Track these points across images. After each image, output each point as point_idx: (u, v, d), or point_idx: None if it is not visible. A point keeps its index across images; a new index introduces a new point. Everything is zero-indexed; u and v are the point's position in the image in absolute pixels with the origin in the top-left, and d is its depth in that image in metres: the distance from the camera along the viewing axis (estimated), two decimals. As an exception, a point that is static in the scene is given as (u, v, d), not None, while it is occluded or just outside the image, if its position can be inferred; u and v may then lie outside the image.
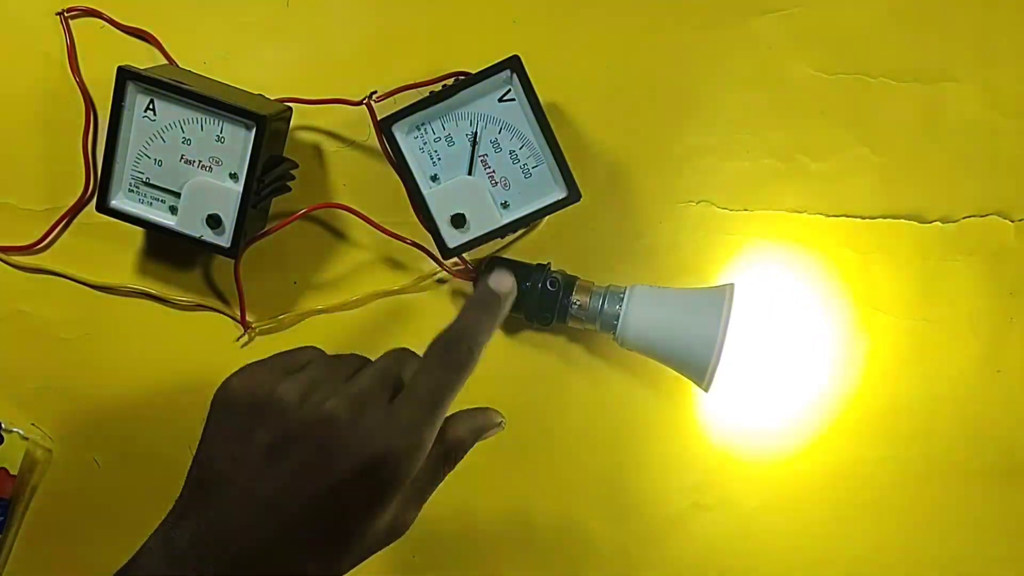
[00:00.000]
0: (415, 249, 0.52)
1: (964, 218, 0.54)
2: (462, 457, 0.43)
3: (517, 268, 0.51)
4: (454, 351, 0.38)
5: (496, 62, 0.46)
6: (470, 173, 0.48)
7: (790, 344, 0.55)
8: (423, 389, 0.38)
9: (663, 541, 0.55)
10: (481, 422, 0.43)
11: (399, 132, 0.47)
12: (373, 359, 0.40)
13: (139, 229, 0.51)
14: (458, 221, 0.48)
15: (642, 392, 0.54)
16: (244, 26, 0.52)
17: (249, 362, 0.40)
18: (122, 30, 0.51)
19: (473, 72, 0.46)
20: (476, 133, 0.47)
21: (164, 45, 0.51)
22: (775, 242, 0.54)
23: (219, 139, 0.47)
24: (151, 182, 0.48)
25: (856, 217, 0.54)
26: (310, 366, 0.39)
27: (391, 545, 0.54)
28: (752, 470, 0.55)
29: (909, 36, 0.53)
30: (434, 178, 0.48)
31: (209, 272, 0.54)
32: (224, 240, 0.48)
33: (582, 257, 0.53)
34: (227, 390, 0.39)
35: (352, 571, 0.38)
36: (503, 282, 0.40)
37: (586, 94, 0.53)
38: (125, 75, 0.45)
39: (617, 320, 0.48)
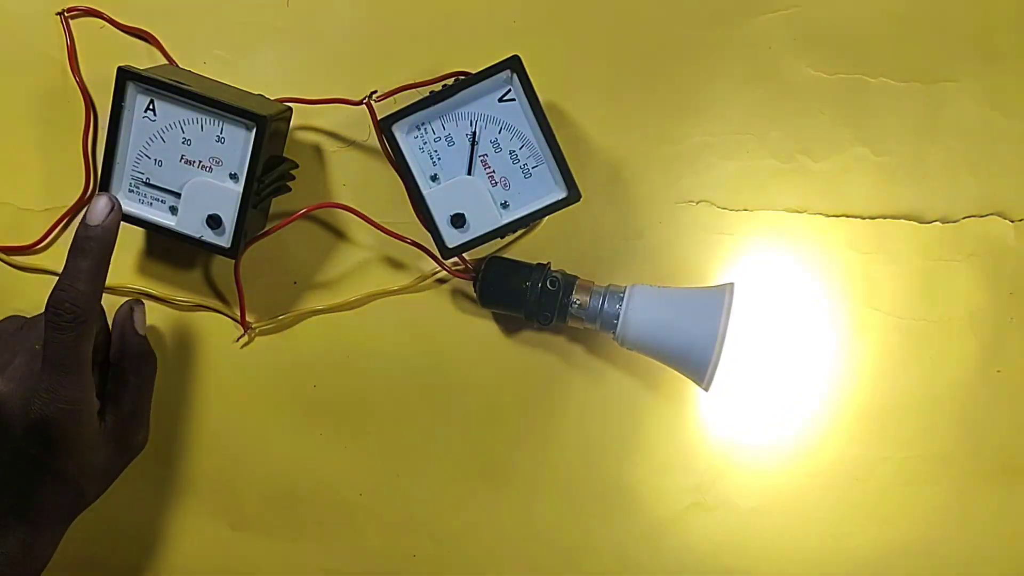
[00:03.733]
0: (415, 249, 0.52)
1: (964, 218, 0.54)
2: (150, 354, 0.50)
3: (516, 267, 0.51)
4: (60, 311, 0.42)
5: (496, 62, 0.46)
6: (470, 173, 0.48)
7: (790, 344, 0.55)
8: (48, 356, 0.43)
9: (663, 541, 0.55)
10: (127, 315, 0.49)
11: (399, 132, 0.47)
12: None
13: (139, 229, 0.51)
14: (458, 221, 0.48)
15: (642, 392, 0.54)
16: (244, 26, 0.52)
17: None
18: (122, 30, 0.51)
19: (473, 72, 0.46)
20: (476, 133, 0.47)
21: (164, 45, 0.51)
22: (775, 242, 0.54)
23: (219, 139, 0.47)
24: (151, 182, 0.48)
25: (856, 217, 0.54)
26: None
27: (391, 544, 0.54)
28: (752, 470, 0.55)
29: (909, 36, 0.53)
30: (434, 178, 0.48)
31: (209, 272, 0.54)
32: (224, 240, 0.48)
33: (582, 257, 0.53)
34: None
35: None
36: (93, 212, 0.44)
37: (586, 94, 0.53)
38: (125, 75, 0.45)
39: (617, 319, 0.48)
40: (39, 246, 0.53)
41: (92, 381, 0.45)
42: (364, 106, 0.49)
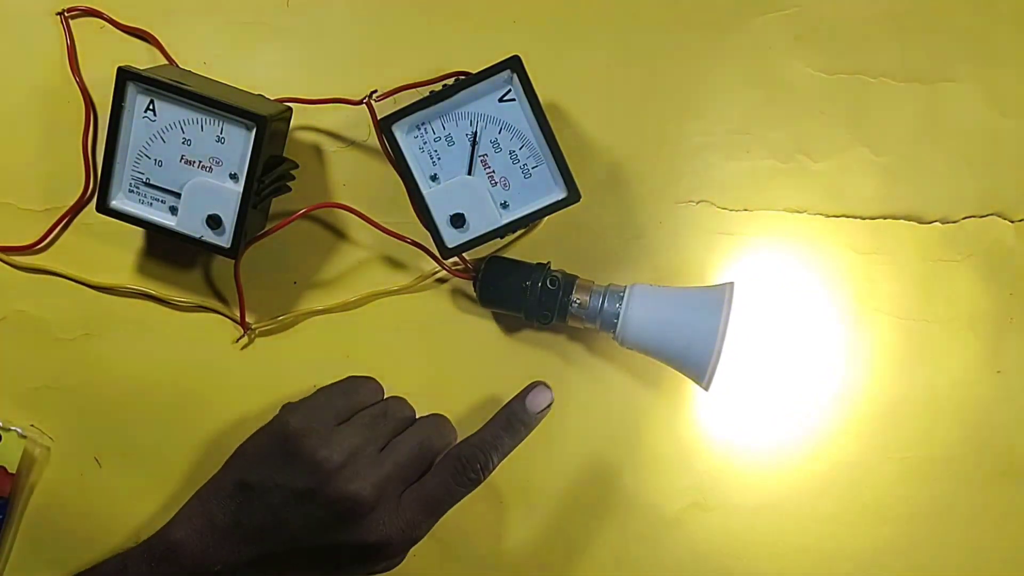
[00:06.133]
0: (415, 249, 0.52)
1: (964, 218, 0.54)
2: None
3: (516, 267, 0.51)
4: (470, 470, 0.46)
5: (496, 62, 0.46)
6: (470, 173, 0.48)
7: (790, 344, 0.55)
8: (432, 495, 0.45)
9: (663, 541, 0.55)
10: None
11: (399, 132, 0.47)
12: (415, 414, 0.48)
13: (139, 229, 0.51)
14: (457, 221, 0.48)
15: (642, 392, 0.54)
16: (244, 26, 0.52)
17: (315, 393, 0.48)
18: (122, 30, 0.51)
19: (473, 72, 0.46)
20: (476, 133, 0.47)
21: (164, 45, 0.51)
22: (775, 242, 0.54)
23: (219, 139, 0.47)
24: (151, 182, 0.48)
25: (856, 217, 0.54)
26: (357, 421, 0.46)
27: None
28: (752, 470, 0.55)
29: (909, 36, 0.53)
30: (434, 178, 0.48)
31: (209, 272, 0.54)
32: (224, 240, 0.48)
33: (582, 257, 0.53)
34: (286, 425, 0.46)
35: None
36: (537, 401, 0.47)
37: (586, 94, 0.53)
38: (125, 75, 0.45)
39: (617, 319, 0.48)
40: (39, 246, 0.53)
41: None
42: (364, 106, 0.49)
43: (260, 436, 0.47)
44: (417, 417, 0.49)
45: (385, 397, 0.50)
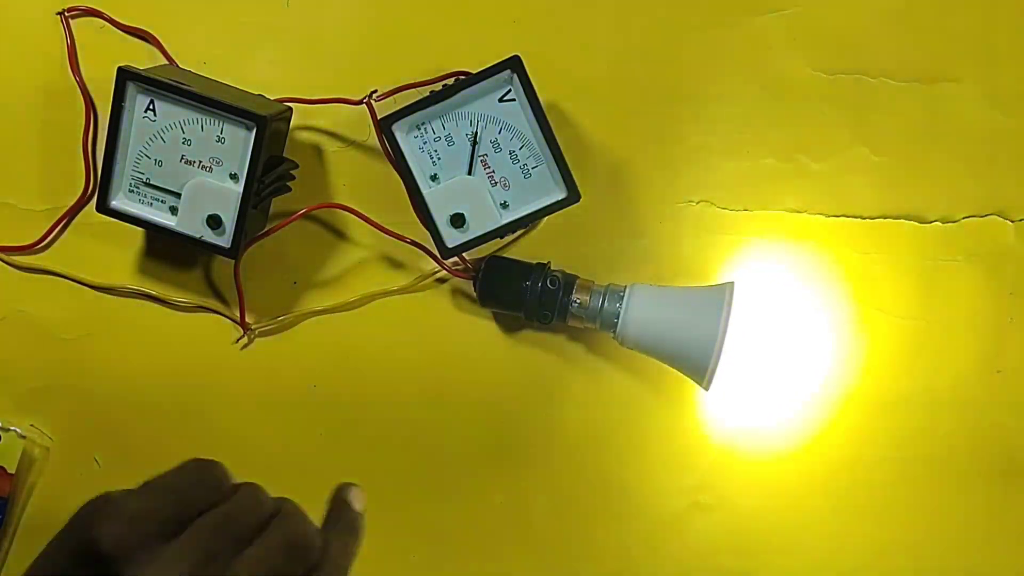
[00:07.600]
0: (415, 249, 0.52)
1: (964, 218, 0.54)
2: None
3: (516, 267, 0.51)
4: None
5: (496, 62, 0.46)
6: (470, 173, 0.48)
7: (790, 344, 0.55)
8: None
9: (663, 541, 0.55)
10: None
11: (399, 132, 0.47)
12: (267, 509, 0.37)
13: (139, 229, 0.51)
14: (457, 221, 0.48)
15: (642, 392, 0.54)
16: (244, 26, 0.52)
17: (139, 490, 0.36)
18: (122, 30, 0.51)
19: (473, 72, 0.46)
20: (476, 133, 0.47)
21: (164, 45, 0.51)
22: (775, 242, 0.54)
23: (219, 139, 0.47)
24: (151, 182, 0.48)
25: (856, 217, 0.54)
26: (192, 536, 0.34)
27: (389, 544, 0.54)
28: (752, 469, 0.55)
29: (909, 36, 0.53)
30: (434, 178, 0.48)
31: (209, 272, 0.54)
32: (224, 240, 0.48)
33: (582, 257, 0.53)
34: (95, 542, 0.34)
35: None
36: (361, 497, 0.42)
37: (586, 94, 0.53)
38: (125, 75, 0.45)
39: (617, 319, 0.48)
40: (39, 246, 0.53)
41: None
42: (364, 106, 0.49)
43: (56, 554, 0.35)
44: (273, 508, 0.38)
45: (235, 485, 0.38)
